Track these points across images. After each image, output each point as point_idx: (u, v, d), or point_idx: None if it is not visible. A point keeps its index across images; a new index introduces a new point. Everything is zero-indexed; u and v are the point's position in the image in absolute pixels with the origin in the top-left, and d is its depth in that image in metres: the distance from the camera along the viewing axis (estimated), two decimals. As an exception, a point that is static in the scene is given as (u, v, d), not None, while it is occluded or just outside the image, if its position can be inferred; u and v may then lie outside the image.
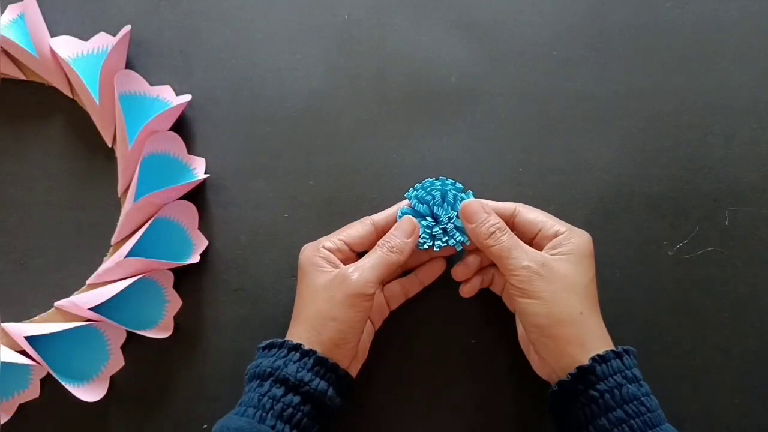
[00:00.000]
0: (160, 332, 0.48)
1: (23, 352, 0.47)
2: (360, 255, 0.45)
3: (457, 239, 0.45)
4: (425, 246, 0.45)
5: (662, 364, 0.48)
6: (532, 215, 0.44)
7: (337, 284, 0.42)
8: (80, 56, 0.50)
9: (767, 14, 0.51)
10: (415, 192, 0.46)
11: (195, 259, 0.49)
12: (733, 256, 0.49)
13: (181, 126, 0.51)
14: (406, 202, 0.46)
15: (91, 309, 0.46)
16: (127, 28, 0.49)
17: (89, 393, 0.47)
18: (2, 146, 0.51)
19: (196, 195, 0.51)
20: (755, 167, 0.50)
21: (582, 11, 0.51)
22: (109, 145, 0.51)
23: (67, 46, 0.50)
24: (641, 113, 0.50)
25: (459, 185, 0.46)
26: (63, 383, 0.46)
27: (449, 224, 0.45)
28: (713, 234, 0.49)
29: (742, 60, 0.51)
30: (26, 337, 0.46)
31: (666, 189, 0.50)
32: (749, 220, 0.49)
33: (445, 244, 0.45)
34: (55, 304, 0.48)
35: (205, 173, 0.50)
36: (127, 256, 0.46)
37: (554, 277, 0.41)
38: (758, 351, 0.48)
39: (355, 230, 0.45)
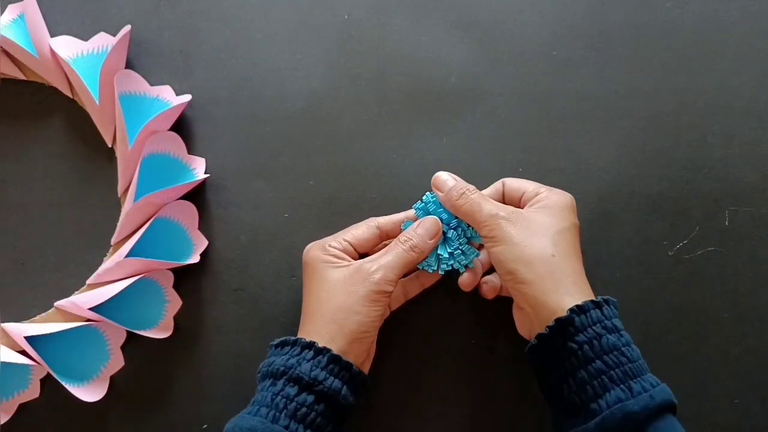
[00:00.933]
0: (160, 332, 0.48)
1: (23, 352, 0.47)
2: (362, 256, 0.45)
3: (462, 263, 0.45)
4: (431, 270, 0.45)
5: (662, 364, 0.48)
6: (517, 183, 0.46)
7: (359, 279, 0.42)
8: (80, 56, 0.50)
9: (767, 14, 0.51)
10: (425, 205, 0.46)
11: (195, 259, 0.49)
12: (733, 256, 0.49)
13: (181, 126, 0.51)
14: (412, 212, 0.46)
15: (91, 309, 0.46)
16: (127, 28, 0.49)
17: (89, 393, 0.47)
18: (2, 146, 0.51)
19: (196, 195, 0.51)
20: (755, 167, 0.50)
21: (582, 11, 0.51)
22: (109, 145, 0.51)
23: (67, 46, 0.50)
24: (641, 113, 0.50)
25: None
26: (63, 383, 0.46)
27: (457, 250, 0.45)
28: (713, 234, 0.49)
29: (742, 60, 0.51)
30: (26, 337, 0.46)
31: (666, 189, 0.50)
32: (749, 220, 0.49)
33: (450, 267, 0.45)
34: (55, 304, 0.48)
35: (205, 173, 0.50)
36: (127, 256, 0.46)
37: (525, 223, 0.42)
38: (758, 351, 0.48)
39: (361, 231, 0.45)
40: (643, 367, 0.39)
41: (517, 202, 0.45)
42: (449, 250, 0.45)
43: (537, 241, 0.41)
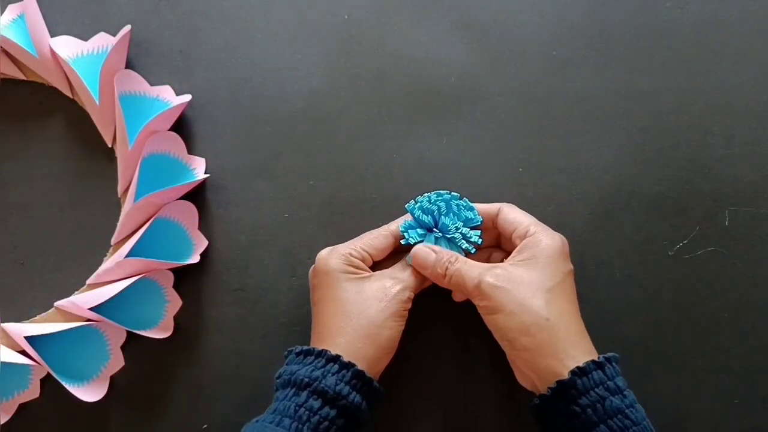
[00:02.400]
0: (160, 332, 0.48)
1: (23, 352, 0.47)
2: (376, 264, 0.45)
3: (463, 247, 0.45)
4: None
5: (662, 365, 0.48)
6: (512, 215, 0.44)
7: (389, 295, 0.42)
8: (80, 56, 0.50)
9: (767, 14, 0.51)
10: (417, 204, 0.46)
11: (195, 259, 0.49)
12: (733, 256, 0.49)
13: (181, 126, 0.51)
14: (409, 215, 0.46)
15: (91, 309, 0.46)
16: (127, 28, 0.49)
17: (89, 393, 0.47)
18: (2, 146, 0.51)
19: (196, 195, 0.51)
20: (755, 167, 0.50)
21: (582, 11, 0.51)
22: (109, 145, 0.51)
23: (67, 46, 0.50)
24: (641, 113, 0.50)
25: (456, 194, 0.46)
26: (63, 383, 0.46)
27: (456, 234, 0.45)
28: (713, 234, 0.49)
29: (742, 60, 0.51)
30: (26, 337, 0.46)
31: (666, 189, 0.50)
32: (749, 220, 0.49)
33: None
34: (55, 304, 0.48)
35: (205, 173, 0.50)
36: (127, 256, 0.46)
37: (514, 286, 0.41)
38: (758, 351, 0.48)
39: (378, 241, 0.45)
40: (647, 428, 0.38)
41: (508, 236, 0.44)
42: (448, 236, 0.45)
43: (530, 305, 0.40)
